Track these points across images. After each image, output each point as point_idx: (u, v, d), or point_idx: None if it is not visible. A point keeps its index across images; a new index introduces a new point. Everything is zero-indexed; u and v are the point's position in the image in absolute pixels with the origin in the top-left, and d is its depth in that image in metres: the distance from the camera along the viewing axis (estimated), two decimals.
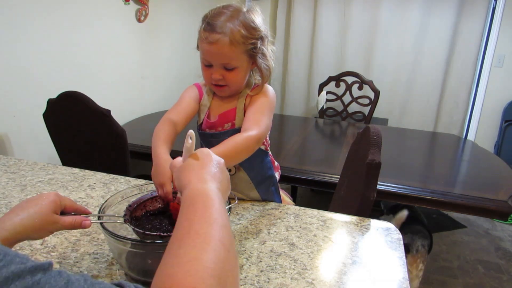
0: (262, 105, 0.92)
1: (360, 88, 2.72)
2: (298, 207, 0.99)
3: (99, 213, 0.69)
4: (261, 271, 0.72)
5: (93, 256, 0.75)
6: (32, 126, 1.66)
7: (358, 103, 2.72)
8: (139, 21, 2.26)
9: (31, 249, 0.76)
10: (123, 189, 0.79)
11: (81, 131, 1.52)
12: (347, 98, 2.76)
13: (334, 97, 2.83)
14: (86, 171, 1.19)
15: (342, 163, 1.40)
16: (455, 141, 2.41)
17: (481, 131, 3.13)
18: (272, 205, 1.01)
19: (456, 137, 2.57)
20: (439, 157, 2.12)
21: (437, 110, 3.19)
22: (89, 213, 0.67)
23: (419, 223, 1.88)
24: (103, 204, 0.72)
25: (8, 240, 0.55)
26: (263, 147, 1.00)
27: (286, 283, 0.69)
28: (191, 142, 0.57)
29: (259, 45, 0.88)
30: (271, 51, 0.93)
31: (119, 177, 1.15)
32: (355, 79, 2.73)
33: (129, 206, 0.74)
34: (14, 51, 1.54)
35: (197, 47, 0.91)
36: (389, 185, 1.46)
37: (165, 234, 0.65)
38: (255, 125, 0.85)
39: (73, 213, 0.64)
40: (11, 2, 1.50)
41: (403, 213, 1.88)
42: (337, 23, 3.23)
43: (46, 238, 0.75)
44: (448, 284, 1.96)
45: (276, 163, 1.11)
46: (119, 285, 0.34)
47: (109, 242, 0.66)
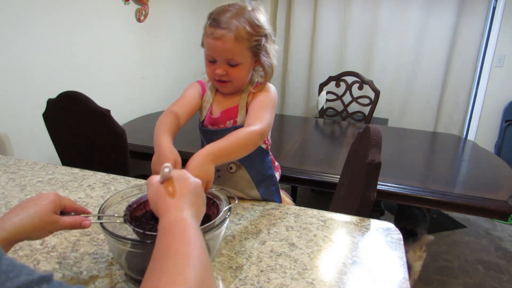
0: (264, 102, 0.92)
1: (360, 88, 2.72)
2: (298, 207, 0.99)
3: (99, 213, 0.69)
4: (261, 271, 0.72)
5: (93, 256, 0.75)
6: (32, 126, 1.66)
7: (358, 103, 2.72)
8: (139, 21, 2.26)
9: (31, 249, 0.76)
10: (123, 189, 0.79)
11: (81, 131, 1.52)
12: (347, 98, 2.76)
13: (334, 97, 2.83)
14: (86, 171, 1.19)
15: (342, 163, 1.40)
16: (455, 141, 2.41)
17: (481, 131, 3.13)
18: (272, 205, 1.01)
19: (456, 137, 2.57)
20: (439, 157, 2.12)
21: (437, 110, 3.19)
22: (89, 213, 0.67)
23: (414, 206, 1.91)
24: (103, 204, 0.72)
25: (7, 240, 0.54)
26: (264, 146, 1.00)
27: (286, 283, 0.69)
28: (167, 170, 0.57)
29: (263, 42, 0.89)
30: (274, 50, 0.94)
31: (119, 177, 1.15)
32: (355, 79, 2.73)
33: (129, 206, 0.74)
34: (14, 51, 1.54)
35: (202, 44, 0.92)
36: (389, 185, 1.46)
37: None
38: (258, 120, 0.86)
39: (73, 213, 0.64)
40: (11, 2, 1.50)
41: (430, 237, 1.91)
42: (337, 23, 3.23)
43: (45, 238, 0.75)
44: (448, 284, 1.96)
45: (276, 163, 1.11)
46: None
47: (109, 242, 0.66)
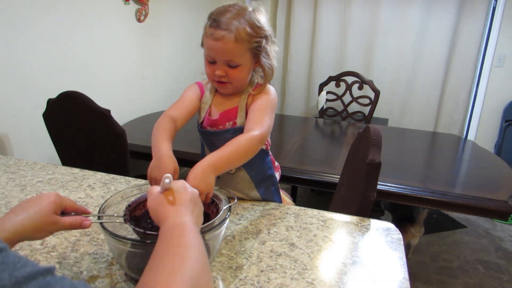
0: (264, 105, 0.92)
1: (360, 88, 2.72)
2: (298, 207, 0.99)
3: (99, 213, 0.69)
4: (261, 271, 0.72)
5: (93, 256, 0.75)
6: (32, 126, 1.66)
7: (358, 103, 2.72)
8: (139, 21, 2.27)
9: (31, 249, 0.76)
10: (123, 189, 0.79)
11: (81, 131, 1.52)
12: (347, 98, 2.75)
13: (334, 97, 2.83)
14: (86, 171, 1.19)
15: (342, 163, 1.40)
16: (455, 141, 2.41)
17: (481, 131, 3.13)
18: (272, 205, 1.01)
19: (456, 137, 2.57)
20: (439, 157, 2.11)
21: (437, 110, 3.19)
22: (89, 213, 0.67)
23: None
24: (103, 204, 0.72)
25: (8, 240, 0.54)
26: (263, 147, 1.00)
27: (286, 283, 0.69)
28: (168, 180, 0.59)
29: (263, 44, 0.89)
30: (274, 52, 0.93)
31: (119, 177, 1.15)
32: (355, 79, 2.73)
33: (129, 206, 0.74)
34: (14, 51, 1.54)
35: (201, 44, 0.91)
36: (389, 185, 1.46)
37: None
38: (258, 125, 0.86)
39: (73, 213, 0.64)
40: (11, 2, 1.50)
41: (425, 210, 2.02)
42: (337, 23, 3.23)
43: (46, 238, 0.75)
44: (448, 284, 1.96)
45: (276, 163, 1.11)
46: None
47: (109, 242, 0.66)
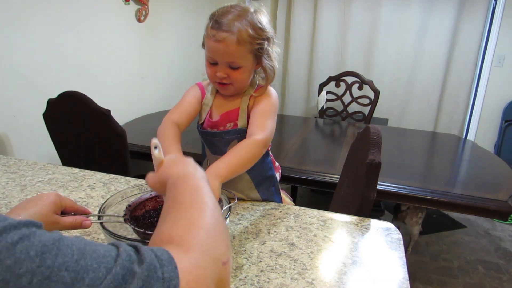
0: (266, 108, 0.92)
1: (360, 88, 2.72)
2: (298, 207, 0.99)
3: (99, 213, 0.69)
4: (261, 271, 0.72)
5: None
6: (32, 126, 1.66)
7: (358, 103, 2.72)
8: (139, 21, 2.26)
9: None
10: (123, 189, 0.79)
11: (81, 131, 1.52)
12: (347, 98, 2.76)
13: (334, 97, 2.83)
14: (86, 171, 1.19)
15: (342, 163, 1.40)
16: (455, 141, 2.41)
17: (481, 131, 3.13)
18: (272, 205, 1.01)
19: (456, 137, 2.57)
20: (439, 157, 2.11)
21: (437, 110, 3.19)
22: (89, 213, 0.67)
23: None
24: (103, 204, 0.72)
25: None
26: None
27: (286, 283, 0.69)
28: (157, 150, 0.57)
29: (265, 45, 0.88)
30: (275, 53, 0.93)
31: (119, 177, 1.15)
32: (355, 79, 2.73)
33: (129, 205, 0.74)
34: (14, 51, 1.54)
35: (202, 45, 0.91)
36: (389, 185, 1.46)
37: None
38: (261, 130, 0.86)
39: (73, 213, 0.64)
40: (11, 2, 1.50)
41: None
42: (337, 23, 3.23)
43: None
44: (448, 284, 1.96)
45: (276, 163, 1.11)
46: (114, 245, 0.35)
47: (109, 242, 0.66)
